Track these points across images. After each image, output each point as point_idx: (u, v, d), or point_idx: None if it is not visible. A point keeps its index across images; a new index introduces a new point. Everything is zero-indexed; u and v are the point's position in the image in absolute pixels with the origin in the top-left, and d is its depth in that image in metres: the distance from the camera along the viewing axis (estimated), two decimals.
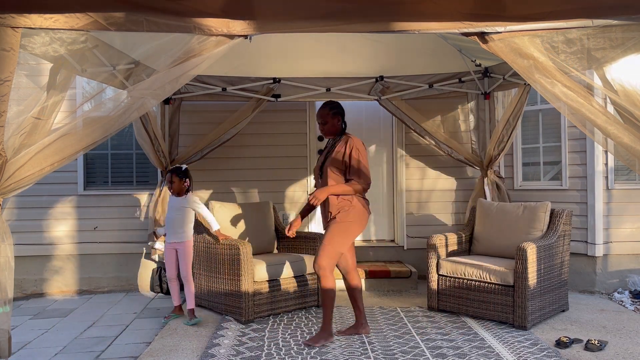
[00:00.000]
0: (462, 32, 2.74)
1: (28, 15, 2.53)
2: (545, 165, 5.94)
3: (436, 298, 4.74)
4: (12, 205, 5.84)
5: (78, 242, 5.94)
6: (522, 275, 4.15)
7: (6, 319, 2.61)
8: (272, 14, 2.70)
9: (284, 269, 4.65)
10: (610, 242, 5.46)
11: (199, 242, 4.88)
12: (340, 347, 3.81)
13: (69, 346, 4.08)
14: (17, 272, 5.67)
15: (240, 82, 5.81)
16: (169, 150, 5.79)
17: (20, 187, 2.71)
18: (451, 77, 5.87)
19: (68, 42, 3.06)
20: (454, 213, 6.28)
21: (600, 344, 3.73)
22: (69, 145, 2.83)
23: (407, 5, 2.66)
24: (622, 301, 5.07)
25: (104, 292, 5.91)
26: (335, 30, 2.75)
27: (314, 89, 5.87)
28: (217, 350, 3.75)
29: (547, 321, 4.41)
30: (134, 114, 3.02)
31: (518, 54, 2.81)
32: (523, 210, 4.77)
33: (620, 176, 5.49)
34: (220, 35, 2.73)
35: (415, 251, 6.16)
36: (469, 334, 4.06)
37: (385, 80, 5.90)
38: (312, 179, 6.22)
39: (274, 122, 6.18)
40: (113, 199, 6.01)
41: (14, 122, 2.72)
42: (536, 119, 5.99)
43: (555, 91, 2.80)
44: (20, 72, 2.70)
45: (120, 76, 4.25)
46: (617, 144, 2.79)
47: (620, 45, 2.76)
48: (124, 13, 2.60)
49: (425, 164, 6.30)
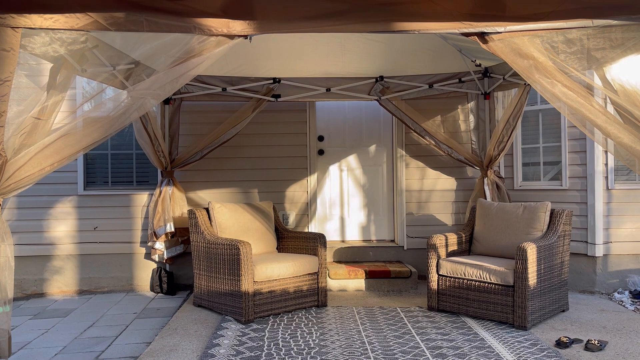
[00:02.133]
0: (462, 32, 2.75)
1: (28, 16, 2.53)
2: (545, 166, 5.94)
3: (436, 298, 4.74)
4: (12, 205, 5.85)
5: (78, 242, 5.94)
6: (522, 275, 4.15)
7: (6, 319, 2.61)
8: (272, 14, 2.70)
9: (284, 269, 4.65)
10: (610, 242, 5.46)
11: (199, 242, 4.88)
12: (340, 347, 3.81)
13: (69, 346, 4.08)
14: (17, 272, 5.70)
15: (240, 82, 5.82)
16: (169, 150, 5.79)
17: (20, 187, 2.72)
18: (451, 77, 5.88)
19: (68, 42, 3.07)
20: (454, 213, 6.28)
21: (600, 344, 3.73)
22: (69, 145, 2.83)
23: (407, 5, 2.66)
24: (622, 301, 5.08)
25: (104, 292, 5.91)
26: (335, 30, 2.75)
27: (314, 89, 5.88)
28: (217, 350, 3.75)
29: (547, 321, 4.41)
30: (134, 114, 3.02)
31: (518, 54, 2.81)
32: (523, 210, 4.77)
33: (620, 176, 5.49)
34: (220, 35, 2.73)
35: (415, 251, 6.17)
36: (469, 334, 4.06)
37: (385, 80, 5.91)
38: (312, 178, 6.23)
39: (274, 122, 6.18)
40: (113, 199, 6.01)
41: (14, 122, 2.72)
42: (536, 119, 5.99)
43: (555, 91, 2.81)
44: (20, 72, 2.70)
45: (120, 76, 4.25)
46: (617, 144, 2.79)
47: (620, 45, 2.77)
48: (124, 13, 2.61)
49: (425, 164, 6.30)
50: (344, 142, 6.49)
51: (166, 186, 5.70)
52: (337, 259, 6.13)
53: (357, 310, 4.80)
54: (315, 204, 6.25)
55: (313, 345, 3.86)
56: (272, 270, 4.57)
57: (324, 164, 6.46)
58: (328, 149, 6.44)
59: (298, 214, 6.21)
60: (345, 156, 6.50)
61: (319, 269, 4.92)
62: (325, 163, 6.47)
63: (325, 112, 6.44)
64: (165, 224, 5.59)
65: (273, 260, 4.70)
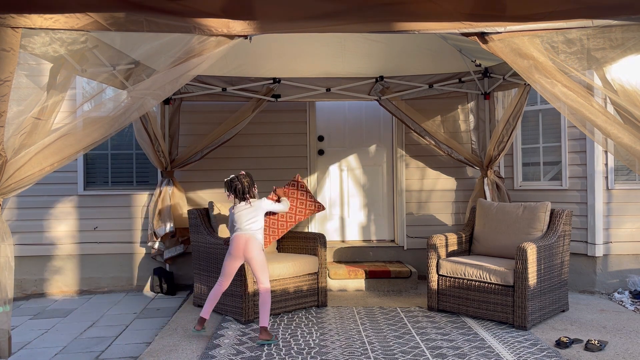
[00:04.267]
0: (462, 32, 2.75)
1: (28, 16, 2.53)
2: (545, 166, 5.94)
3: (436, 298, 4.74)
4: (12, 205, 5.85)
5: (78, 242, 5.94)
6: (522, 275, 4.15)
7: (6, 319, 2.62)
8: (272, 14, 2.70)
9: (284, 269, 4.65)
10: (610, 242, 5.46)
11: (199, 242, 4.88)
12: (340, 347, 3.81)
13: (69, 346, 4.08)
14: (17, 272, 5.69)
15: (240, 82, 5.82)
16: (169, 150, 5.79)
17: (20, 187, 2.72)
18: (451, 77, 5.87)
19: (68, 42, 3.07)
20: (454, 213, 6.28)
21: (600, 344, 3.73)
22: (69, 146, 2.83)
23: (407, 5, 2.66)
24: (622, 301, 5.07)
25: (104, 292, 5.91)
26: (335, 30, 2.76)
27: (314, 89, 5.87)
28: (217, 350, 3.75)
29: (547, 321, 4.41)
30: (134, 114, 3.02)
31: (518, 54, 2.81)
32: (523, 211, 4.77)
33: (620, 176, 5.49)
34: (220, 35, 2.73)
35: (415, 251, 6.17)
36: (469, 334, 4.06)
37: (385, 80, 5.90)
38: (312, 178, 6.23)
39: (274, 122, 6.18)
40: (113, 199, 6.01)
41: (14, 122, 2.72)
42: (536, 119, 5.99)
43: (555, 91, 2.81)
44: (20, 72, 2.70)
45: (120, 76, 4.25)
46: (617, 144, 2.79)
47: (620, 45, 2.77)
48: (124, 13, 2.61)
49: (425, 164, 6.30)
50: (344, 142, 6.49)
51: (166, 186, 5.70)
52: (337, 259, 6.13)
53: (357, 310, 4.80)
54: None
55: (313, 345, 3.86)
56: (272, 270, 4.56)
57: (324, 164, 6.46)
58: (328, 149, 6.44)
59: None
60: (345, 156, 6.50)
61: (319, 269, 4.92)
62: (325, 163, 6.47)
63: (325, 112, 6.44)
64: (165, 224, 5.59)
65: (273, 260, 4.70)
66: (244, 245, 4.03)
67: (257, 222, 4.13)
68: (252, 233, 4.07)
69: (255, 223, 4.11)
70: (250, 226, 4.08)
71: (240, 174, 4.20)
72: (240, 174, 4.19)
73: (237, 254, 4.06)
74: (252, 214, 4.12)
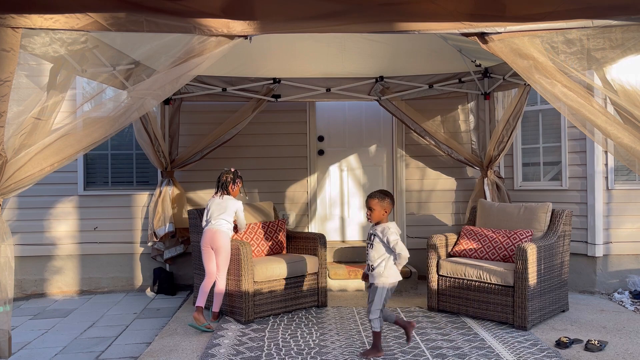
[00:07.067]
0: (462, 32, 2.74)
1: (28, 16, 2.53)
2: (545, 166, 5.94)
3: (436, 298, 4.74)
4: (12, 205, 5.85)
5: (78, 243, 5.94)
6: (522, 275, 4.15)
7: (6, 319, 2.62)
8: (272, 14, 2.70)
9: (285, 269, 4.65)
10: (610, 242, 5.46)
11: (199, 242, 4.87)
12: (340, 347, 3.81)
13: (69, 346, 4.08)
14: (17, 272, 5.70)
15: (240, 82, 5.82)
16: (169, 151, 5.79)
17: (20, 187, 2.72)
18: (451, 77, 5.87)
19: (68, 43, 3.07)
20: (454, 213, 6.28)
21: (600, 344, 3.73)
22: (69, 146, 2.83)
23: (407, 5, 2.66)
24: (622, 301, 5.07)
25: (104, 292, 5.91)
26: (335, 30, 2.75)
27: (314, 89, 5.88)
28: (217, 350, 3.75)
29: (547, 321, 4.41)
30: (134, 115, 3.02)
31: (518, 54, 2.81)
32: (523, 211, 4.77)
33: (620, 176, 5.49)
34: (220, 35, 2.73)
35: (415, 251, 6.14)
36: (469, 334, 4.06)
37: (385, 80, 5.91)
38: (312, 178, 6.23)
39: (274, 123, 6.18)
40: (113, 199, 6.02)
41: (14, 123, 2.72)
42: (536, 119, 5.99)
43: (555, 91, 2.81)
44: (21, 73, 2.70)
45: (121, 76, 4.25)
46: (617, 144, 2.79)
47: (620, 45, 2.77)
48: (124, 13, 2.61)
49: (425, 164, 6.30)
50: (344, 142, 6.49)
51: (166, 186, 5.70)
52: (337, 259, 6.13)
53: (357, 311, 4.80)
54: (315, 204, 6.25)
55: (313, 345, 3.86)
56: (272, 270, 4.57)
57: (324, 164, 6.46)
58: (328, 149, 6.44)
59: (298, 214, 6.22)
60: (345, 156, 6.50)
61: (319, 269, 4.92)
62: (326, 163, 6.47)
63: (325, 112, 6.44)
64: (166, 224, 5.59)
65: (273, 260, 4.70)
66: (211, 236, 4.33)
67: (226, 219, 4.37)
68: (219, 227, 4.33)
69: (224, 219, 4.36)
70: (219, 221, 4.33)
71: (230, 169, 4.52)
72: (230, 169, 4.50)
73: (207, 246, 4.38)
74: (222, 209, 4.37)
